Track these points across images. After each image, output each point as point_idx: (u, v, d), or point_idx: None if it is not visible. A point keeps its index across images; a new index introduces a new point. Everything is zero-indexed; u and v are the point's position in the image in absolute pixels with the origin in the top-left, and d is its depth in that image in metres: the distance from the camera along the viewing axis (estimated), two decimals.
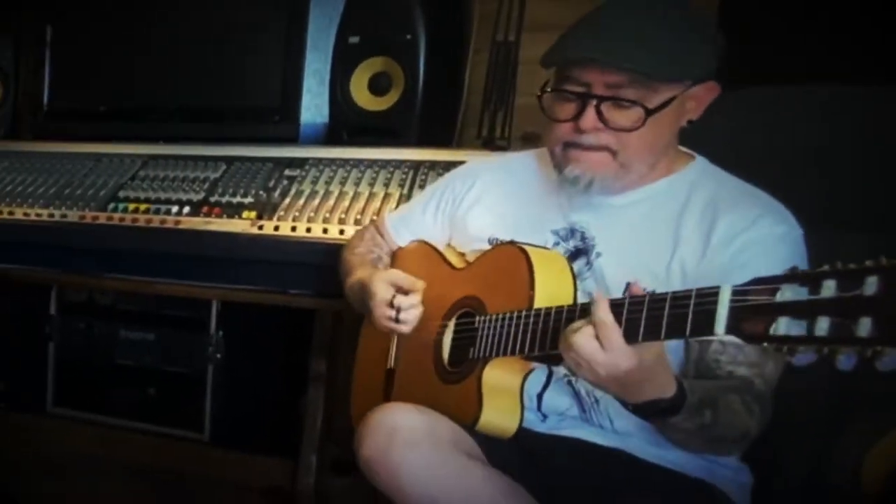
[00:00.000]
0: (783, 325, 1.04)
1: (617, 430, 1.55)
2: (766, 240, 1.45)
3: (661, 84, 1.44)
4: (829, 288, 0.98)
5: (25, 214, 2.61)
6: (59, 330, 3.12)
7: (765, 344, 1.08)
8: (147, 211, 2.51)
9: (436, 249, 1.85)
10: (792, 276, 1.04)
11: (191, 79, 2.93)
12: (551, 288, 1.49)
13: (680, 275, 1.50)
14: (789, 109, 1.98)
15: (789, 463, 1.66)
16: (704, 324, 1.13)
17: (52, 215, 2.58)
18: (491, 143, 2.56)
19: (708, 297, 1.13)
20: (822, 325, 0.98)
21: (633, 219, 1.59)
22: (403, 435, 1.49)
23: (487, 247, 1.72)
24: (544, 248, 1.61)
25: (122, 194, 2.61)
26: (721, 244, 1.47)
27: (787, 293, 1.04)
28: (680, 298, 1.18)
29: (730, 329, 1.11)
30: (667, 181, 1.57)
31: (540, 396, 1.60)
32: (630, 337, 1.24)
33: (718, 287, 1.13)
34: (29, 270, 2.67)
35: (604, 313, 1.25)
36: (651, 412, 1.35)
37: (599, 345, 1.26)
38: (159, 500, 3.03)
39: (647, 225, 1.57)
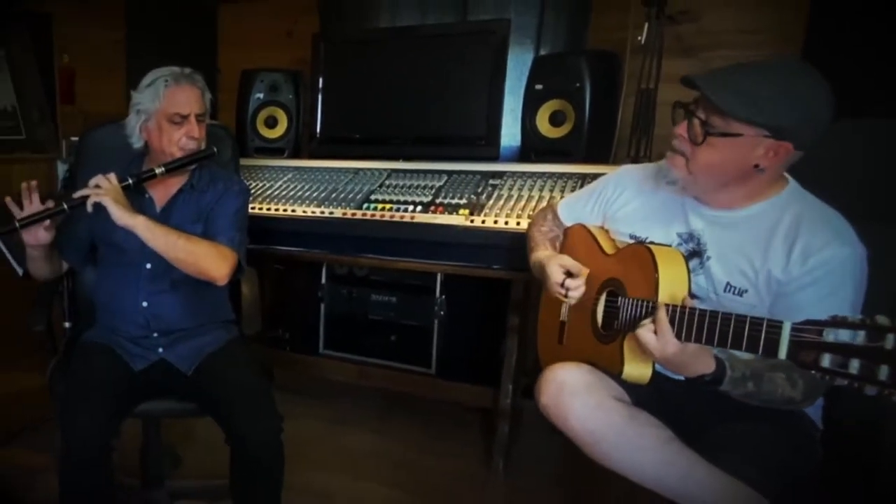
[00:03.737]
0: (826, 360, 1.23)
1: None
2: (831, 261, 1.59)
3: (735, 121, 1.58)
4: (860, 336, 1.18)
5: (304, 212, 2.97)
6: (329, 294, 3.59)
7: (812, 371, 1.25)
8: (391, 209, 2.87)
9: (593, 235, 2.03)
10: (834, 323, 1.23)
11: (422, 115, 3.39)
12: (671, 282, 1.66)
13: (766, 280, 1.67)
14: (856, 137, 2.23)
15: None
16: (772, 348, 1.32)
17: (322, 213, 2.94)
18: (636, 162, 2.92)
19: (774, 329, 1.32)
20: (854, 365, 1.18)
21: (735, 233, 1.74)
22: (568, 387, 1.73)
23: (629, 240, 1.91)
24: (668, 246, 1.78)
25: (372, 197, 2.98)
26: (799, 260, 1.62)
27: (829, 335, 1.23)
28: (757, 323, 1.36)
29: (789, 357, 1.30)
30: (765, 204, 1.71)
31: None
32: (685, 335, 1.48)
33: (782, 322, 1.31)
34: (307, 252, 3.03)
35: (662, 315, 1.51)
36: (699, 383, 1.57)
37: (654, 336, 1.52)
38: (398, 415, 3.54)
39: (746, 239, 1.72)
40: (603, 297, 1.88)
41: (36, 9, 4.10)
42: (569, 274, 1.90)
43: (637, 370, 1.70)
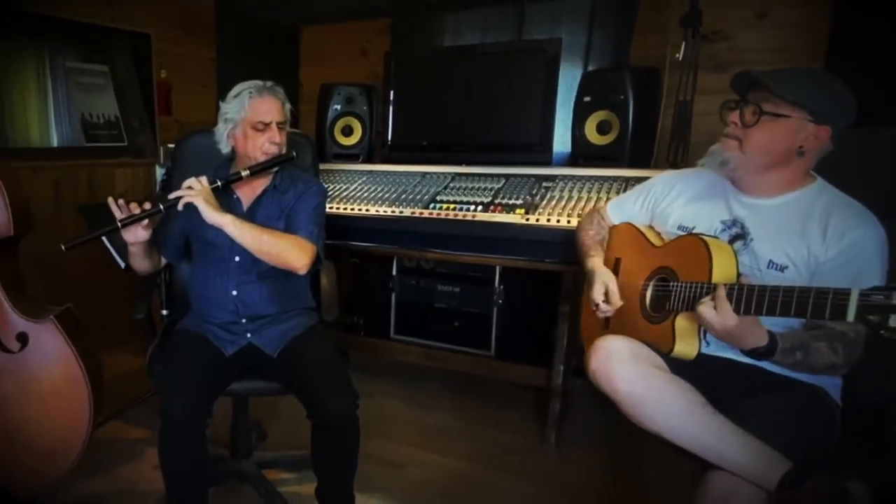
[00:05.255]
0: (893, 321, 1.32)
1: None
2: (863, 240, 1.71)
3: (783, 103, 1.75)
4: None
5: (376, 211, 3.09)
6: (399, 285, 3.77)
7: (882, 332, 1.33)
8: (454, 209, 2.98)
9: (640, 231, 2.12)
10: None
11: (482, 124, 3.52)
12: (723, 266, 1.74)
13: (806, 256, 1.77)
14: (873, 143, 2.36)
15: (865, 372, 1.79)
16: (840, 312, 1.39)
17: (394, 212, 3.06)
18: (675, 166, 3.05)
19: (841, 296, 1.39)
20: None
21: (775, 217, 1.84)
22: (616, 355, 1.81)
23: (679, 232, 1.99)
24: (717, 238, 1.85)
25: (438, 198, 3.09)
26: (834, 238, 1.73)
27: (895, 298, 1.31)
28: (822, 293, 1.42)
29: (857, 318, 1.37)
30: (798, 193, 1.84)
31: (706, 331, 1.82)
32: (749, 310, 1.56)
33: (850, 289, 1.38)
34: (379, 247, 3.15)
35: (721, 292, 1.61)
36: (754, 355, 1.66)
37: (714, 311, 1.61)
38: (461, 392, 3.70)
39: (785, 221, 1.82)
40: (652, 284, 1.97)
41: (137, 29, 4.18)
42: (606, 296, 2.04)
43: (685, 348, 1.81)
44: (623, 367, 1.78)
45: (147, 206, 2.15)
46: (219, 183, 2.21)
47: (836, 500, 1.54)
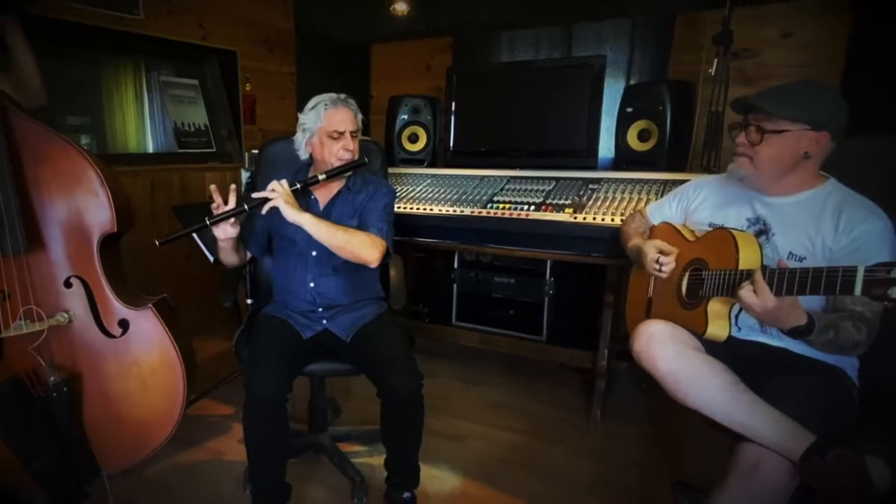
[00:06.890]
0: (894, 292, 1.37)
1: (781, 336, 1.92)
2: (871, 232, 1.79)
3: (781, 120, 1.84)
4: None
5: (440, 211, 3.19)
6: (460, 277, 3.88)
7: (885, 303, 1.39)
8: (510, 208, 3.06)
9: (676, 228, 2.20)
10: None
11: (534, 132, 3.68)
12: (748, 255, 1.82)
13: (821, 247, 1.86)
14: (883, 148, 2.39)
15: (881, 351, 1.84)
16: (849, 287, 1.45)
17: (455, 211, 3.15)
18: (707, 170, 3.23)
19: (849, 272, 1.46)
20: None
21: (794, 213, 1.93)
22: (657, 337, 1.88)
23: (709, 229, 2.08)
24: (743, 231, 1.94)
25: (495, 199, 3.18)
26: (845, 230, 1.82)
27: None
28: (833, 271, 1.49)
29: (863, 291, 1.43)
30: (813, 191, 1.94)
31: (737, 316, 1.98)
32: (777, 291, 1.62)
33: (856, 266, 1.44)
34: (442, 243, 3.23)
35: (759, 277, 1.65)
36: (794, 333, 1.72)
37: (755, 294, 1.65)
38: (516, 374, 3.81)
39: (802, 217, 1.91)
40: (687, 274, 2.05)
41: (225, 47, 4.37)
42: (661, 253, 2.12)
43: (717, 329, 1.88)
44: (663, 349, 1.85)
45: (232, 199, 2.24)
46: (298, 186, 2.27)
47: (854, 470, 1.60)
